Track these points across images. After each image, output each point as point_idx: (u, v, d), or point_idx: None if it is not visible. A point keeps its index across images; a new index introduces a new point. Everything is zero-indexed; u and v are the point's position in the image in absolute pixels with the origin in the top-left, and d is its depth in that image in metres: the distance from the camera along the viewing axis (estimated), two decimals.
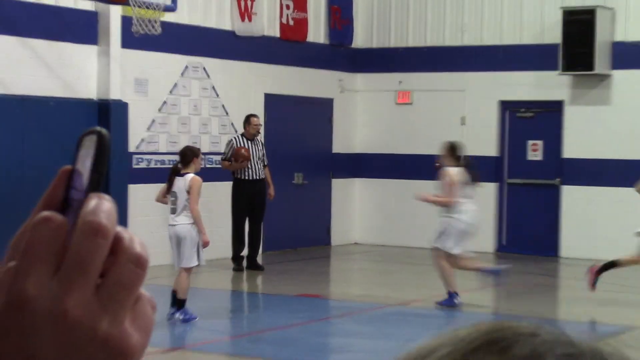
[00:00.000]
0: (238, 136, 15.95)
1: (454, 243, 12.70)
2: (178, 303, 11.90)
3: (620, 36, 17.48)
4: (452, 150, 12.97)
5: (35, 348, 0.77)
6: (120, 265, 0.78)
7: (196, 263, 11.92)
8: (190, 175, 11.89)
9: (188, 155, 12.10)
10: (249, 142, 15.69)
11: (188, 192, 11.85)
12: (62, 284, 0.77)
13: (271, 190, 15.98)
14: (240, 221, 16.01)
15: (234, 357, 10.51)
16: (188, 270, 11.83)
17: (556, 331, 0.64)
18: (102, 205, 0.78)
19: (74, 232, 0.78)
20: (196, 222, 11.91)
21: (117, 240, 0.79)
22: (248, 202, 15.52)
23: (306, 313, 12.34)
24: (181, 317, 11.82)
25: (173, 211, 12.03)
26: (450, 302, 12.80)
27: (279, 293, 14.06)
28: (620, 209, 17.35)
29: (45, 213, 0.78)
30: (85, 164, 0.80)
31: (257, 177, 15.72)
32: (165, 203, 12.29)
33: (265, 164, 15.96)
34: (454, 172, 12.64)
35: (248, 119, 16.04)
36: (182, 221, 11.92)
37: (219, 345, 10.93)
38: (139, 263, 0.79)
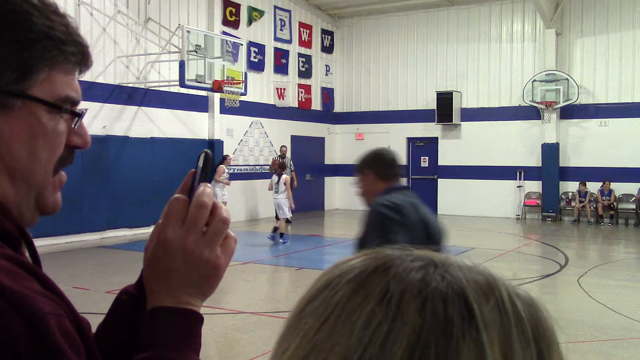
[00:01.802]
0: (278, 156, 15.40)
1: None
2: (280, 235, 11.61)
3: (465, 104, 17.31)
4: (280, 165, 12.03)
5: (173, 263, 0.72)
6: (215, 222, 0.74)
7: (287, 216, 11.64)
8: (284, 175, 11.78)
9: (282, 165, 11.98)
10: (281, 158, 14.76)
11: (284, 184, 11.69)
12: (184, 232, 0.73)
13: (295, 183, 14.88)
14: None
15: (274, 266, 9.66)
16: (284, 219, 11.64)
17: (404, 250, 0.51)
18: (206, 191, 0.74)
19: (192, 200, 0.73)
20: (288, 197, 11.63)
21: (215, 208, 0.74)
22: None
23: (312, 244, 11.75)
24: (282, 240, 11.52)
25: (276, 191, 11.67)
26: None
27: (298, 233, 13.28)
28: (468, 190, 17.24)
29: (176, 195, 0.74)
30: (199, 168, 0.76)
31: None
32: (270, 189, 11.98)
33: (292, 169, 15.01)
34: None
35: (280, 148, 15.81)
36: (281, 197, 11.66)
37: (268, 260, 10.13)
38: (225, 222, 0.74)
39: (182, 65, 12.16)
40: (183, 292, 0.73)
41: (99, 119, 12.08)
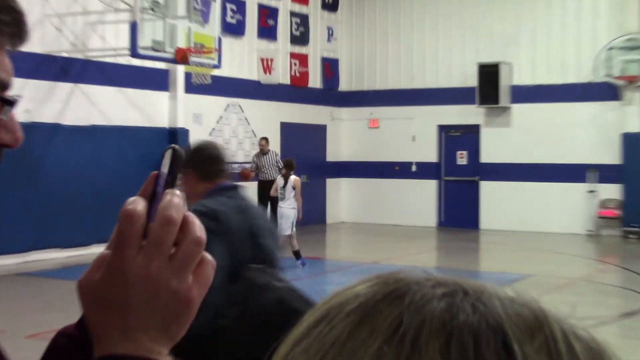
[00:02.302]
0: (257, 152, 15.21)
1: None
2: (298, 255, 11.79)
3: (516, 81, 17.41)
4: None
5: (130, 300, 0.75)
6: (185, 244, 0.75)
7: (287, 232, 11.76)
8: (293, 177, 12.00)
9: (288, 164, 12.16)
10: (264, 155, 14.94)
11: (293, 188, 11.93)
12: (145, 257, 0.75)
13: None
14: (263, 206, 15.08)
15: None
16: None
17: (427, 274, 0.54)
18: (173, 201, 0.76)
19: (157, 215, 0.75)
20: (298, 206, 11.88)
21: (185, 223, 0.76)
22: (268, 195, 15.12)
23: (308, 270, 11.81)
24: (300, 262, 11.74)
25: (282, 198, 11.91)
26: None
27: (288, 255, 13.81)
28: (520, 196, 17.39)
29: (128, 207, 0.75)
30: (165, 169, 0.79)
31: (272, 179, 14.17)
32: (275, 194, 12.16)
33: (280, 168, 14.54)
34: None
35: (258, 142, 15.57)
36: (288, 205, 11.89)
37: None
38: (199, 243, 0.76)
39: (133, 28, 12.22)
40: (144, 336, 0.75)
41: (21, 101, 12.27)
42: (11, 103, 0.81)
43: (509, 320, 0.49)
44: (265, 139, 15.22)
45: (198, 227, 0.76)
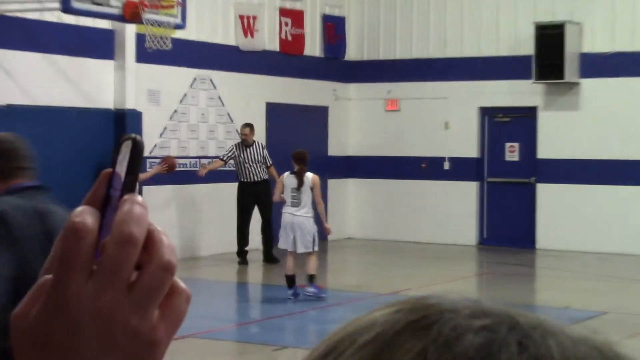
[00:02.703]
0: (239, 143, 15.99)
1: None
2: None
3: (588, 48, 17.58)
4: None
5: (77, 341, 0.78)
6: (150, 271, 0.79)
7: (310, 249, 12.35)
8: (310, 175, 12.44)
9: (301, 157, 12.54)
10: (247, 148, 15.74)
11: (311, 188, 12.41)
12: (96, 287, 0.78)
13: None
14: (244, 219, 15.88)
15: (241, 344, 10.54)
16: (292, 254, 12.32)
17: (469, 302, 0.59)
18: (133, 212, 0.79)
19: (112, 231, 0.79)
20: (320, 211, 12.54)
21: (150, 242, 0.79)
22: (253, 202, 15.52)
23: (307, 302, 12.24)
24: (311, 290, 12.17)
25: (296, 204, 12.34)
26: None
27: (280, 284, 13.86)
28: (590, 205, 17.48)
29: (75, 220, 0.79)
30: (122, 166, 0.81)
31: (259, 179, 15.70)
32: (280, 200, 12.66)
33: (269, 164, 15.88)
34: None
35: (241, 128, 16.28)
36: (305, 213, 12.33)
37: (225, 333, 10.90)
38: (168, 269, 0.79)
39: None
40: None
41: None
42: None
43: None
44: (250, 125, 15.98)
45: (167, 247, 0.80)
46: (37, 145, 13.40)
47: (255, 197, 15.54)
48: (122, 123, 14.77)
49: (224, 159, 15.85)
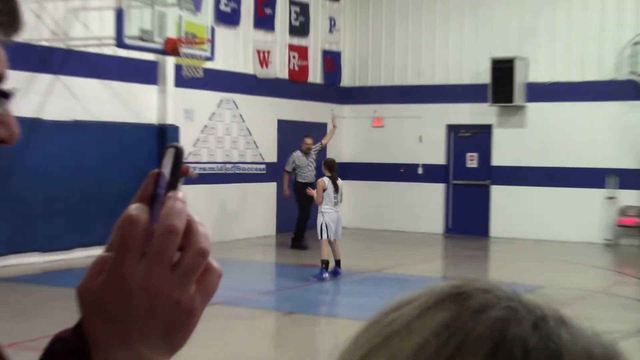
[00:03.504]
0: (298, 152, 15.42)
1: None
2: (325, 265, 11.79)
3: (533, 78, 17.41)
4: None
5: (131, 310, 0.77)
6: (189, 255, 0.77)
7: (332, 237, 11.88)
8: (340, 180, 12.20)
9: (330, 164, 12.26)
10: (305, 155, 15.31)
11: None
12: (147, 266, 0.77)
13: (286, 190, 15.64)
14: (307, 213, 15.26)
15: (258, 309, 10.03)
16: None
17: (506, 289, 0.57)
18: (175, 207, 0.77)
19: (159, 222, 0.77)
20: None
21: (189, 231, 0.78)
22: (310, 199, 14.73)
23: (306, 277, 12.00)
24: (326, 274, 11.75)
25: (336, 202, 12.04)
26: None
27: (287, 262, 13.93)
28: (533, 202, 17.41)
29: (132, 213, 0.77)
30: (166, 168, 0.79)
31: (310, 180, 15.08)
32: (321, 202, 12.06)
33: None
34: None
35: (303, 139, 15.59)
36: (338, 211, 12.02)
37: (246, 300, 10.39)
38: (203, 253, 0.78)
39: (119, 15, 12.21)
40: (144, 345, 0.78)
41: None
42: (7, 96, 0.83)
43: (573, 351, 0.50)
44: (310, 139, 15.54)
45: (203, 236, 0.78)
46: (97, 153, 13.52)
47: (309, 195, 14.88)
48: (163, 135, 14.66)
49: (289, 170, 15.28)
